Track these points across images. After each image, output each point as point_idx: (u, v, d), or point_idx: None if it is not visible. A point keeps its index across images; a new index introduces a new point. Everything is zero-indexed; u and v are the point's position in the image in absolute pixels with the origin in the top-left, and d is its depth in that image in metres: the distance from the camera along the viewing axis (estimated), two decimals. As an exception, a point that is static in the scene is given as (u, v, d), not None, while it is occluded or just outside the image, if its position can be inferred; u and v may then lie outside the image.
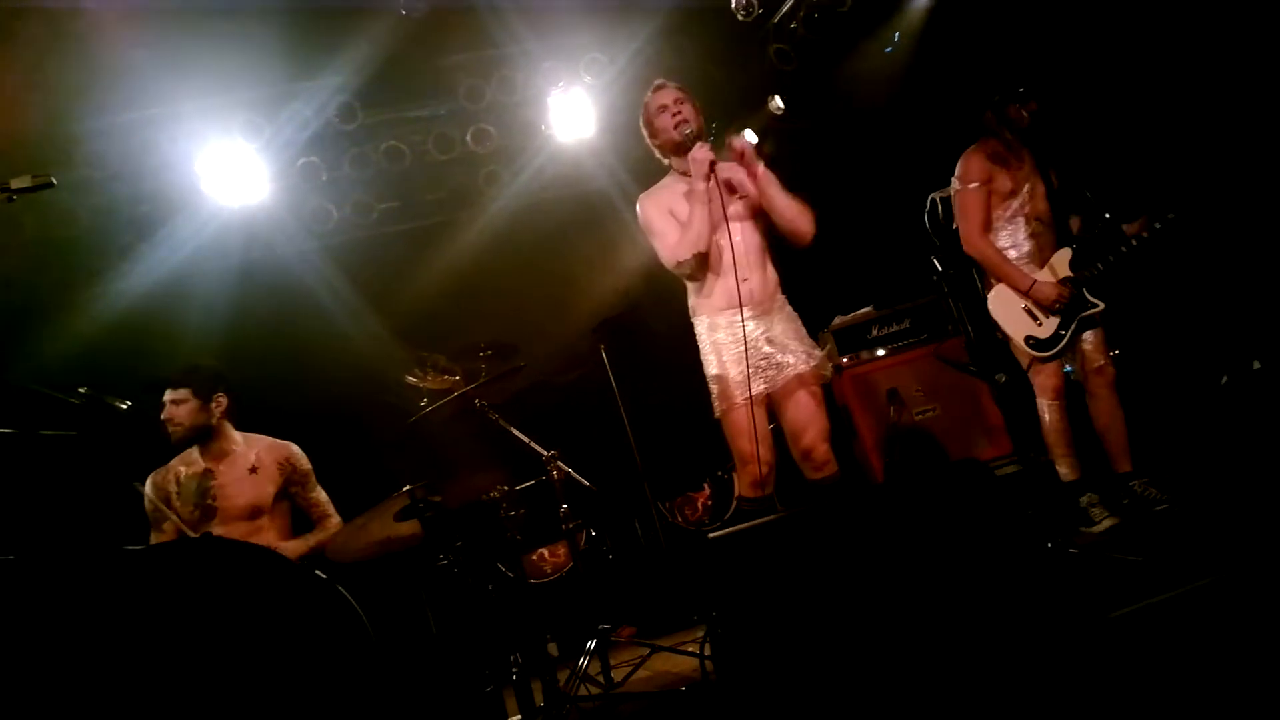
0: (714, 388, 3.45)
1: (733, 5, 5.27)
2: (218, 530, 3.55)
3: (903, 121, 5.48)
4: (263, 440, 3.78)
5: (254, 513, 3.60)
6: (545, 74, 5.51)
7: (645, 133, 3.64)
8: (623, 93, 5.53)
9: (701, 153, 3.34)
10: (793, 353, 3.40)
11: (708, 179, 3.34)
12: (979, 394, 4.90)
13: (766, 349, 3.40)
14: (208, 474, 3.65)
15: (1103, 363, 3.94)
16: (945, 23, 5.43)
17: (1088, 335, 3.97)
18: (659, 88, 3.61)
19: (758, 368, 3.37)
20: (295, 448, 3.80)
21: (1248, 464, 3.98)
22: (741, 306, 3.33)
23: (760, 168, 3.42)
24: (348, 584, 2.67)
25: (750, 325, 3.38)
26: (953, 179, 4.20)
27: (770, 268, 3.50)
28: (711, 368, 3.46)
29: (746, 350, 3.33)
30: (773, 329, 3.43)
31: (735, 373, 3.37)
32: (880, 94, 5.72)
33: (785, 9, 5.43)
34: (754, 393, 3.34)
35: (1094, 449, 4.21)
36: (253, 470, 3.65)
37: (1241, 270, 4.84)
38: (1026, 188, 4.09)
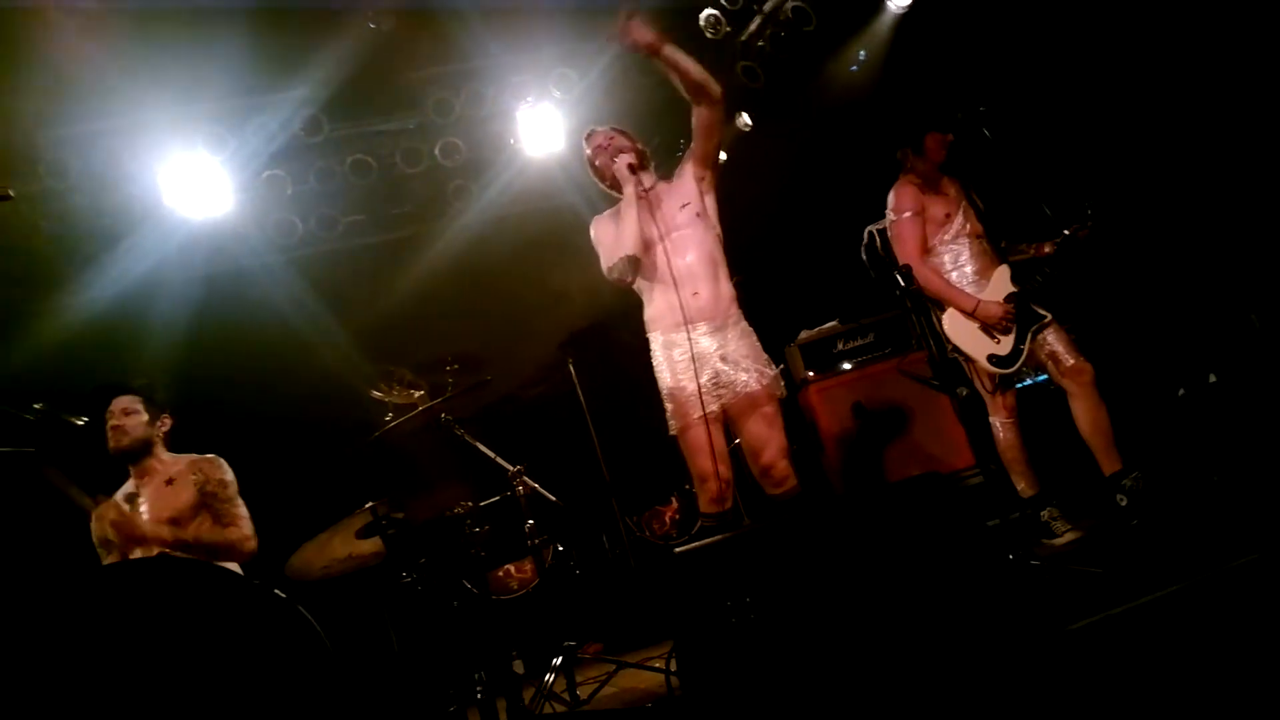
0: (668, 405, 3.46)
1: (701, 23, 5.31)
2: (143, 548, 3.47)
3: (868, 137, 5.55)
4: (186, 456, 3.73)
5: (175, 524, 3.51)
6: (514, 88, 5.52)
7: (595, 179, 3.74)
8: (592, 108, 5.54)
9: (621, 160, 3.48)
10: (745, 370, 3.40)
11: (631, 180, 3.43)
12: (942, 408, 4.95)
13: (720, 366, 3.41)
14: (133, 496, 3.60)
15: (1074, 362, 3.94)
16: (912, 40, 5.52)
17: (1050, 339, 4.00)
18: (589, 135, 3.71)
19: (711, 385, 3.39)
20: (217, 458, 3.72)
21: (1205, 475, 4.04)
22: (687, 322, 3.37)
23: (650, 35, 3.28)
24: (308, 603, 2.64)
25: (705, 340, 3.40)
26: (887, 211, 4.27)
27: (724, 281, 3.50)
28: (665, 385, 3.47)
29: (695, 365, 3.35)
30: (727, 346, 3.43)
31: (689, 390, 3.38)
32: (846, 110, 5.78)
33: (753, 27, 5.48)
34: (708, 410, 3.35)
35: (1056, 462, 4.27)
36: (169, 482, 3.60)
37: (1198, 285, 4.94)
38: (960, 209, 4.18)
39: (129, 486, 3.68)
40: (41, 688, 2.33)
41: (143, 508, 3.54)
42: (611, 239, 3.53)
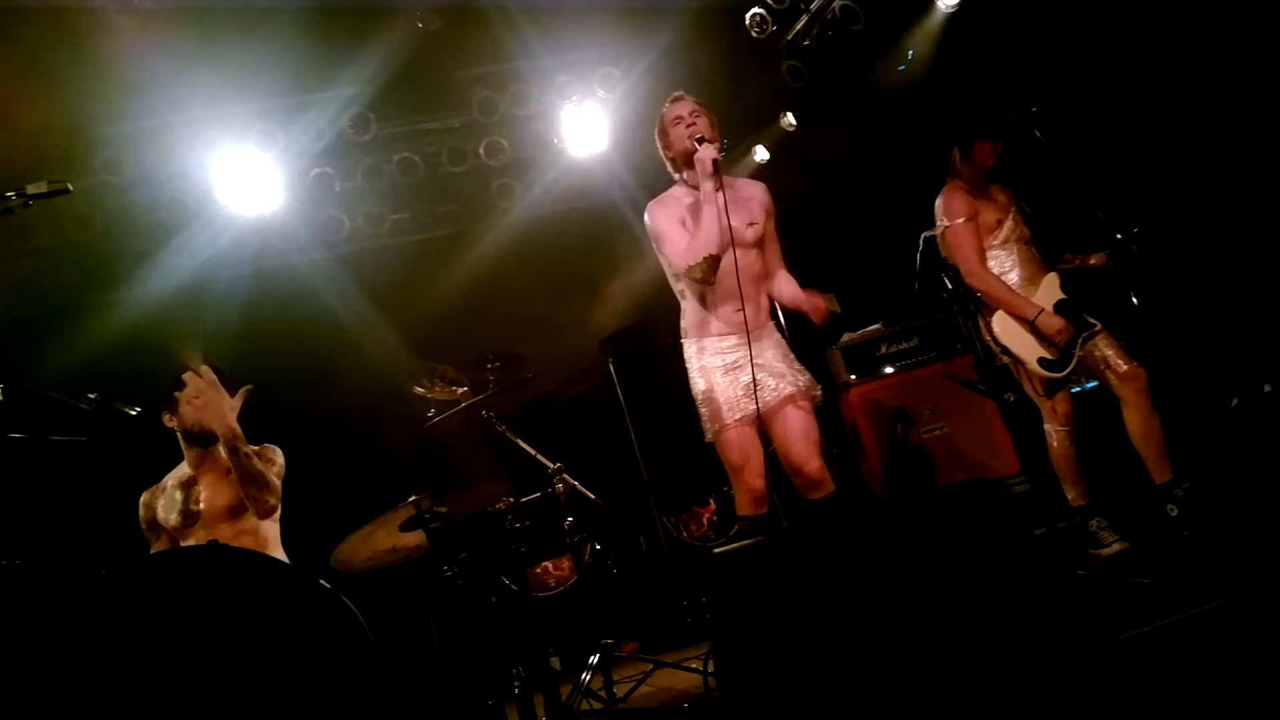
0: (703, 410, 3.45)
1: (747, 22, 5.29)
2: (201, 534, 3.45)
3: (914, 138, 5.48)
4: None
5: (234, 512, 3.48)
6: (559, 88, 5.54)
7: (659, 143, 3.59)
8: (635, 107, 5.55)
9: (706, 152, 3.30)
10: (777, 375, 3.40)
11: (713, 177, 3.30)
12: (988, 413, 4.88)
13: (756, 374, 3.38)
14: (191, 481, 3.55)
15: (1127, 367, 3.90)
16: (961, 39, 5.45)
17: (1101, 345, 3.94)
18: (677, 99, 3.57)
19: (745, 390, 3.37)
20: (275, 448, 3.64)
21: (1259, 487, 3.95)
22: (739, 332, 3.37)
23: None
24: (351, 594, 2.67)
25: (740, 351, 3.39)
26: (937, 216, 4.19)
27: (764, 296, 3.53)
28: (698, 390, 3.46)
29: (754, 375, 3.34)
30: (762, 355, 3.42)
31: (725, 395, 3.37)
32: (892, 110, 5.73)
33: (799, 26, 5.44)
34: (743, 414, 3.35)
35: (1105, 471, 4.19)
36: (229, 472, 3.46)
37: (1254, 293, 4.82)
38: (1010, 215, 4.13)
39: (183, 472, 3.60)
40: (85, 676, 2.38)
41: (201, 496, 3.55)
42: (683, 235, 3.40)
